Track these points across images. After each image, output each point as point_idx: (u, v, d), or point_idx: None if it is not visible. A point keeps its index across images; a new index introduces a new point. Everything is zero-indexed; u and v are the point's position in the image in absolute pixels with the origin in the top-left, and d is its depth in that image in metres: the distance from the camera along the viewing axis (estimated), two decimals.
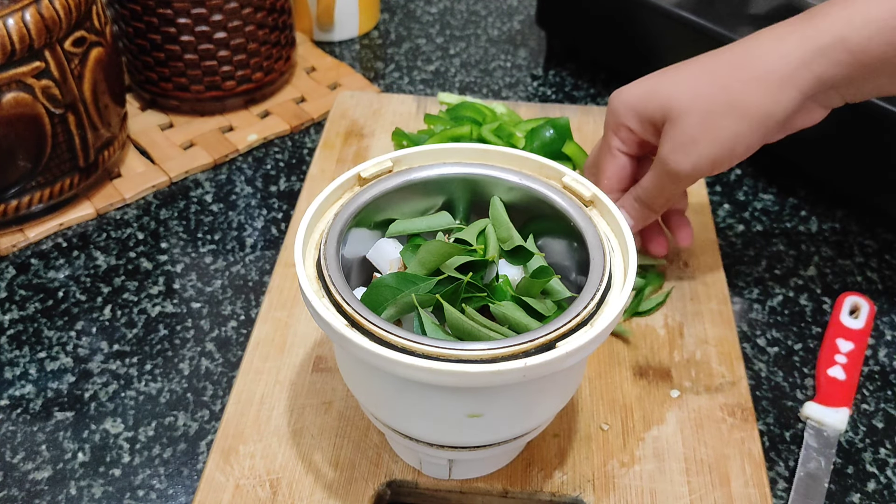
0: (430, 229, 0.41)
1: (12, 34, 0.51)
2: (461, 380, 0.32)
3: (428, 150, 0.42)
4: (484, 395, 0.35)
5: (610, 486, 0.43)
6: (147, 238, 0.60)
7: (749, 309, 0.56)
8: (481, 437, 0.38)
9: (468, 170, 0.42)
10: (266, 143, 0.69)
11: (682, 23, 0.65)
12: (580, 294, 0.35)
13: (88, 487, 0.45)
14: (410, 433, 0.38)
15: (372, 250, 0.41)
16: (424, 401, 0.36)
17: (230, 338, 0.53)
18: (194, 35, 0.65)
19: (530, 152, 0.56)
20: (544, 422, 0.40)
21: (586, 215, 0.39)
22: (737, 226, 0.62)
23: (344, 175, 0.41)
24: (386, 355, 0.32)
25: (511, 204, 0.41)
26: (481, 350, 0.33)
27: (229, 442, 0.44)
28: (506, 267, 0.40)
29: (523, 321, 0.36)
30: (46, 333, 0.53)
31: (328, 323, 0.34)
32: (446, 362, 0.32)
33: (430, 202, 0.42)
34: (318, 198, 0.39)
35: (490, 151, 0.42)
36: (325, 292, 0.36)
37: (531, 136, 0.56)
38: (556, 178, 0.41)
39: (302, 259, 0.37)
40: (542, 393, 0.37)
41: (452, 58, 0.80)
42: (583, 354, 0.34)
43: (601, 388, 0.48)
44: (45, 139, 0.56)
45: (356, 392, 0.39)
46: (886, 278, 0.58)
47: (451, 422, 0.36)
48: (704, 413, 0.46)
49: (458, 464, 0.42)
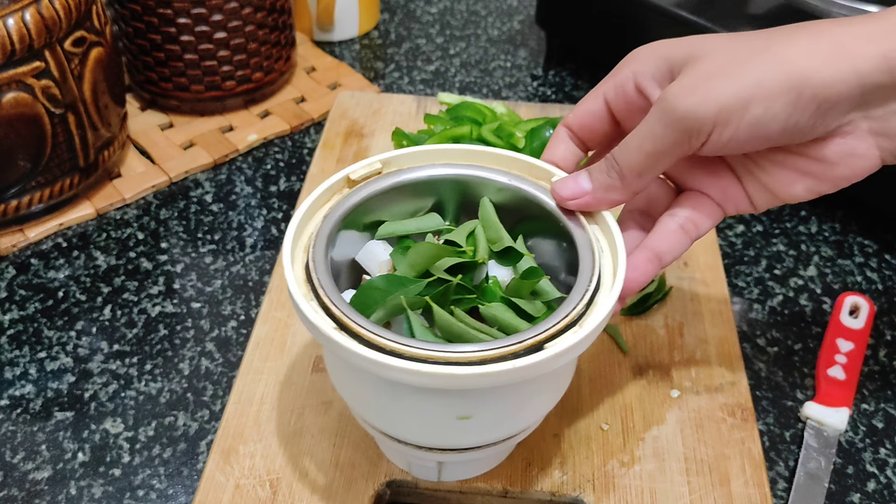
0: (419, 231, 0.41)
1: (12, 34, 0.51)
2: (450, 382, 0.32)
3: (417, 151, 0.42)
4: (473, 397, 0.35)
5: (610, 485, 0.43)
6: (147, 238, 0.60)
7: (749, 309, 0.56)
8: (470, 439, 0.37)
9: (458, 171, 0.41)
10: (266, 143, 0.69)
11: (682, 23, 0.65)
12: (569, 295, 0.35)
13: (88, 487, 0.45)
14: (399, 436, 0.38)
15: (361, 252, 0.41)
16: (413, 403, 0.35)
17: (230, 338, 0.53)
18: (194, 35, 0.65)
19: (530, 152, 0.56)
20: (534, 423, 0.40)
21: (575, 216, 0.39)
22: (737, 226, 0.62)
23: (333, 177, 0.40)
24: (374, 358, 0.32)
25: (501, 205, 0.41)
26: (470, 352, 0.32)
27: (229, 442, 0.44)
28: (496, 268, 0.39)
29: (513, 323, 0.36)
30: (46, 333, 0.53)
31: (316, 326, 0.34)
32: (435, 364, 0.32)
33: (419, 204, 0.42)
34: (306, 200, 0.39)
35: (479, 152, 0.42)
36: (314, 295, 0.35)
37: (531, 136, 0.56)
38: (545, 178, 0.41)
39: (290, 262, 0.37)
40: (532, 394, 0.37)
41: (452, 58, 0.80)
42: (572, 355, 0.34)
43: (601, 388, 0.48)
44: (45, 139, 0.56)
45: (344, 395, 0.39)
46: (886, 278, 0.58)
47: (440, 424, 0.36)
48: (704, 413, 0.46)
49: (448, 466, 0.41)
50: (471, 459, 0.41)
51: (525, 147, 0.56)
